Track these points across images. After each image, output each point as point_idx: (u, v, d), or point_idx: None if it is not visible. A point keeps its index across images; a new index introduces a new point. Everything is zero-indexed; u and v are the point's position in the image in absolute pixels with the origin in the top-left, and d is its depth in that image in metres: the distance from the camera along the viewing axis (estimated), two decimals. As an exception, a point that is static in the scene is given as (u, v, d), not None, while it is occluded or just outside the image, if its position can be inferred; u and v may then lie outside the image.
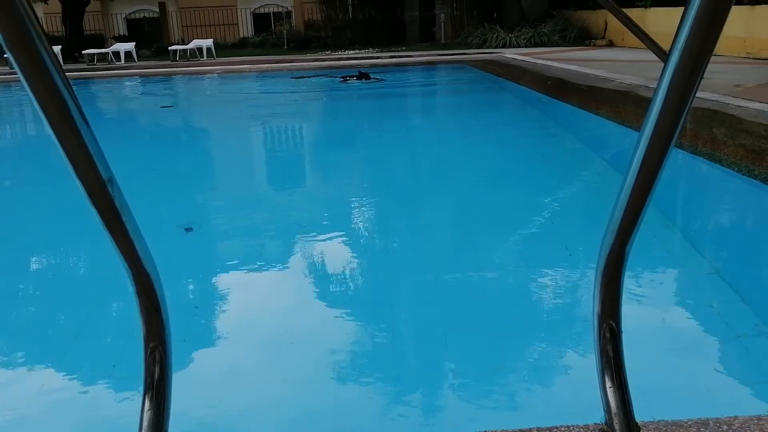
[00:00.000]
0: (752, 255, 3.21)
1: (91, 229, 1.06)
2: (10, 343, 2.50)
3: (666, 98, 0.99)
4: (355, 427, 1.89)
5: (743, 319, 2.39)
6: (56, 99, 0.92)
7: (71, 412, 2.01)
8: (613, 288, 1.23)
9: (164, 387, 1.25)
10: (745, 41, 10.04)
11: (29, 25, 0.85)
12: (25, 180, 5.55)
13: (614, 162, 5.15)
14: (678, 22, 0.95)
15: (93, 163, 0.98)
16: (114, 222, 1.05)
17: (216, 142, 7.53)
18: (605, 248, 1.19)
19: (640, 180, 1.07)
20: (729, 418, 1.30)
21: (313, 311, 2.73)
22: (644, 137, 1.04)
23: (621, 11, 1.27)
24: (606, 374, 1.28)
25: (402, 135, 7.08)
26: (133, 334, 1.26)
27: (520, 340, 2.38)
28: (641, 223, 1.13)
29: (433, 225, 3.83)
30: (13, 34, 0.85)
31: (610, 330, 1.26)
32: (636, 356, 1.38)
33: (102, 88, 13.00)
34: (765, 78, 7.03)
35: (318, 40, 21.10)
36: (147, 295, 1.17)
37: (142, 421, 1.24)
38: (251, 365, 2.25)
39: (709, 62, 0.96)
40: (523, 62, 11.24)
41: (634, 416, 1.27)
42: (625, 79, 7.42)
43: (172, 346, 1.26)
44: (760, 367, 2.10)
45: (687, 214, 3.90)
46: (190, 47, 18.16)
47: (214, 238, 3.78)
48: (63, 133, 0.94)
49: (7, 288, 3.05)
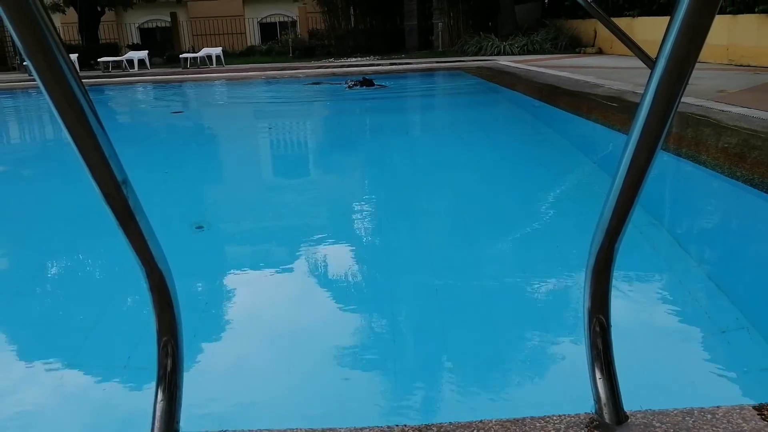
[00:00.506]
0: (736, 252, 3.21)
1: (107, 228, 1.06)
2: (28, 337, 2.50)
3: (652, 103, 0.99)
4: (356, 414, 1.89)
5: (726, 314, 2.39)
6: (73, 104, 0.92)
7: (89, 403, 2.01)
8: (603, 284, 1.23)
9: (176, 379, 1.25)
10: (728, 49, 10.03)
11: (48, 34, 0.85)
12: (44, 181, 5.56)
13: (603, 163, 5.14)
14: (664, 31, 0.95)
15: (108, 166, 0.99)
16: (128, 221, 1.05)
17: (225, 145, 7.53)
18: (595, 247, 1.19)
19: (628, 181, 1.07)
20: (713, 407, 1.30)
21: (317, 305, 2.73)
22: (632, 140, 1.04)
23: (610, 20, 1.27)
24: (596, 366, 1.28)
25: (406, 135, 7.09)
26: (146, 329, 1.26)
27: (515, 335, 2.38)
28: (629, 222, 1.13)
29: (434, 217, 3.84)
30: (32, 43, 0.85)
31: (599, 324, 1.26)
32: (624, 349, 1.38)
33: (116, 94, 13.00)
34: (747, 84, 7.03)
35: (322, 48, 21.10)
36: (160, 292, 1.18)
37: (155, 411, 1.24)
38: (259, 357, 2.25)
39: (694, 69, 0.96)
40: (517, 69, 11.23)
41: (622, 405, 1.27)
42: (614, 85, 7.41)
43: (183, 340, 1.27)
44: (741, 359, 2.10)
45: (673, 214, 3.89)
46: (200, 55, 18.15)
47: (224, 236, 3.78)
48: (80, 137, 0.95)
49: (28, 284, 3.06)
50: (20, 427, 1.85)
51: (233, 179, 5.61)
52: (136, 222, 1.06)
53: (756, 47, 9.46)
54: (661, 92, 0.98)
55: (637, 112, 1.02)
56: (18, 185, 5.52)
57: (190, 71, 16.18)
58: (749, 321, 2.28)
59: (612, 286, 1.23)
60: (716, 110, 5.01)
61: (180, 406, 1.27)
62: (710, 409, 1.29)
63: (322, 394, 2.00)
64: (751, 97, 5.86)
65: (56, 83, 0.89)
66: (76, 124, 0.93)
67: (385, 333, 2.43)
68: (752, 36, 9.52)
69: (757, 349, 2.12)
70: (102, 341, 2.40)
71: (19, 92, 13.20)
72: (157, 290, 1.17)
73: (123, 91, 13.36)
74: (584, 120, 6.49)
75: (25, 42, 0.85)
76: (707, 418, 1.26)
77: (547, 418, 1.28)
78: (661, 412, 1.28)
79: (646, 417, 1.27)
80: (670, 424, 1.24)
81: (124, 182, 1.02)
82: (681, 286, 2.79)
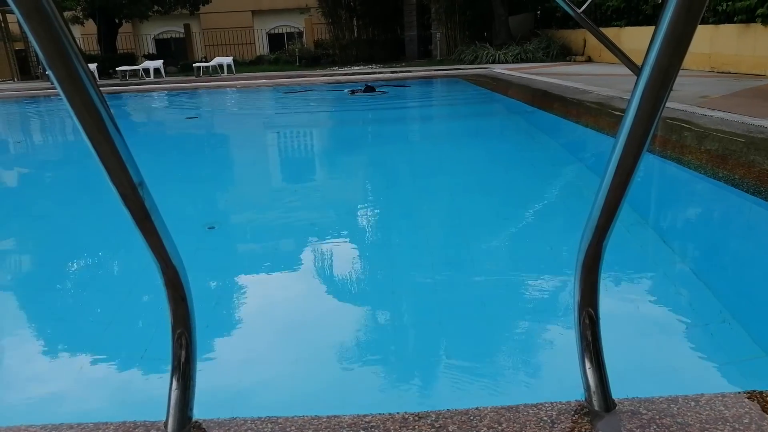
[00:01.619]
0: (718, 248, 3.21)
1: (124, 227, 1.07)
2: (52, 327, 2.51)
3: (638, 108, 0.99)
4: (357, 401, 1.89)
5: (709, 307, 2.38)
6: (92, 111, 0.92)
7: (109, 390, 2.01)
8: (592, 279, 1.23)
9: (190, 369, 1.26)
10: (710, 57, 10.01)
11: (67, 45, 0.86)
12: (66, 182, 5.56)
13: (591, 165, 5.14)
14: (649, 40, 0.95)
15: (125, 169, 0.99)
16: (144, 221, 1.05)
17: (237, 149, 7.53)
18: (584, 243, 1.19)
19: (615, 182, 1.07)
20: (696, 395, 1.30)
21: (321, 300, 2.73)
22: (619, 143, 1.04)
23: (598, 30, 1.27)
24: (585, 356, 1.28)
25: (405, 136, 7.09)
26: (162, 322, 1.26)
27: (509, 327, 2.37)
28: (617, 220, 1.13)
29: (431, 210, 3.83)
30: (53, 53, 0.85)
31: (589, 317, 1.26)
32: (612, 340, 1.38)
33: (133, 101, 13.00)
34: (728, 90, 7.01)
35: (327, 57, 21.11)
36: (174, 287, 1.18)
37: (170, 399, 1.24)
38: (267, 348, 2.26)
39: (678, 76, 0.96)
40: (511, 76, 11.22)
41: (610, 393, 1.27)
42: (602, 91, 7.40)
43: (197, 332, 1.27)
44: (724, 350, 2.09)
45: (658, 213, 3.89)
46: (212, 64, 18.16)
47: (234, 235, 3.78)
48: (98, 142, 0.95)
49: (51, 279, 3.07)
50: (44, 410, 1.85)
51: (244, 181, 5.61)
52: (152, 221, 1.06)
53: (736, 55, 9.44)
54: (646, 98, 0.98)
55: (624, 117, 1.02)
56: (41, 187, 5.53)
57: (203, 79, 16.18)
58: (731, 313, 2.27)
59: (600, 281, 1.23)
60: (699, 115, 5.00)
61: (193, 394, 1.27)
62: (694, 396, 1.29)
63: (326, 383, 2.00)
64: (731, 103, 5.84)
65: (75, 91, 0.89)
66: (95, 130, 0.94)
67: (388, 326, 2.43)
68: (733, 44, 9.50)
69: (737, 340, 2.12)
70: (120, 333, 2.40)
71: (42, 99, 13.21)
72: (172, 285, 1.17)
73: (139, 99, 13.37)
74: (573, 123, 6.48)
75: (45, 52, 0.85)
76: (691, 405, 1.26)
77: (540, 405, 1.28)
78: (648, 399, 1.28)
79: (633, 404, 1.27)
80: (656, 411, 1.24)
81: (140, 184, 1.02)
82: (666, 281, 2.79)
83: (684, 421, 1.20)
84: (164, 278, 1.16)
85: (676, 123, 4.74)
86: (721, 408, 1.24)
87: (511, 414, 1.25)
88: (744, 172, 3.56)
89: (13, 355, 2.27)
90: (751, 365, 1.95)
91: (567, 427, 1.20)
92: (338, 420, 1.25)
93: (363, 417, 1.26)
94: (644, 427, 1.18)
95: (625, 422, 1.21)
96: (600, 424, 1.21)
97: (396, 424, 1.23)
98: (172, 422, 1.23)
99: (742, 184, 3.52)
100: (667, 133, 4.66)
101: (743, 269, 2.86)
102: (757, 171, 3.46)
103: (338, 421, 1.24)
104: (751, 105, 5.65)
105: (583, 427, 1.20)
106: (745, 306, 2.41)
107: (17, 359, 2.23)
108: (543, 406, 1.28)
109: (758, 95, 6.52)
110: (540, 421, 1.22)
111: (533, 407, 1.27)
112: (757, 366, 1.94)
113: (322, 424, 1.24)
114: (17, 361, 2.22)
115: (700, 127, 4.48)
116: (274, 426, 1.24)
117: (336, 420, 1.25)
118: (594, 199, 1.12)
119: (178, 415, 1.23)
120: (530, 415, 1.24)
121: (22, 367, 2.17)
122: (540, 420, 1.22)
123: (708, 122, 4.61)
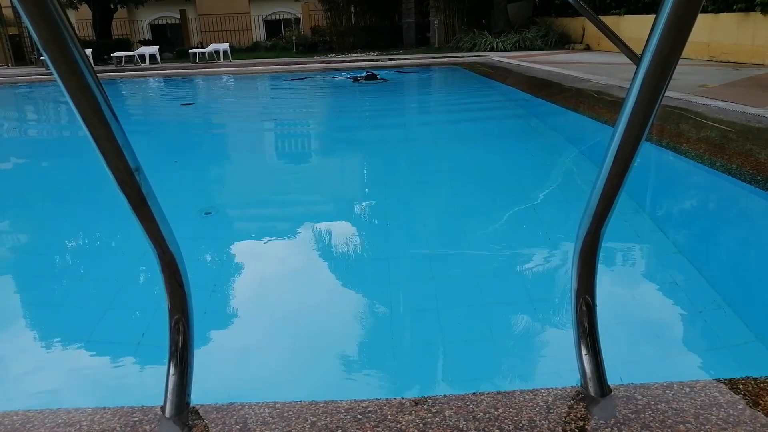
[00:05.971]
0: (714, 237, 3.22)
1: (121, 213, 1.06)
2: (50, 315, 2.51)
3: (638, 97, 0.99)
4: (355, 387, 1.90)
5: (704, 295, 2.40)
6: (88, 96, 0.91)
7: (107, 377, 2.02)
8: (589, 267, 1.23)
9: (187, 354, 1.26)
10: (709, 46, 9.98)
11: (63, 29, 0.85)
12: (62, 169, 5.53)
13: (589, 153, 5.13)
14: (649, 29, 0.94)
15: (122, 154, 0.98)
16: (141, 207, 1.05)
17: (233, 136, 7.50)
18: (582, 231, 1.19)
19: (613, 170, 1.07)
20: (691, 381, 1.31)
21: (318, 286, 2.74)
22: (618, 132, 1.04)
23: (597, 18, 1.26)
24: (582, 343, 1.29)
25: (404, 124, 7.06)
26: (159, 308, 1.27)
27: (508, 314, 2.38)
28: (615, 208, 1.13)
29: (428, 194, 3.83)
30: (49, 38, 0.84)
31: (585, 304, 1.26)
32: (608, 327, 1.39)
33: (129, 87, 12.91)
34: (726, 79, 7.00)
35: (324, 44, 20.96)
36: (171, 272, 1.18)
37: (168, 385, 1.25)
38: (263, 333, 2.26)
39: (677, 65, 0.96)
40: (509, 64, 11.17)
41: (606, 380, 1.28)
42: (601, 79, 7.38)
43: (194, 317, 1.27)
44: (718, 337, 2.11)
45: (655, 201, 3.89)
46: (208, 50, 18.01)
47: (230, 221, 3.77)
48: (94, 127, 0.94)
49: (49, 266, 3.06)
50: (41, 396, 1.86)
51: (240, 167, 5.59)
52: (149, 207, 1.06)
53: (735, 44, 9.42)
54: (646, 86, 0.97)
55: (623, 105, 1.02)
56: (37, 172, 5.50)
57: (199, 66, 16.07)
58: (725, 301, 2.29)
59: (598, 268, 1.23)
60: (697, 103, 5.00)
61: (191, 380, 1.27)
62: (689, 383, 1.30)
63: (323, 369, 2.01)
64: (730, 92, 5.84)
65: (72, 76, 0.88)
66: (91, 115, 0.93)
67: (384, 313, 2.43)
68: (732, 34, 9.47)
69: (732, 328, 2.13)
70: (117, 319, 2.40)
71: (37, 85, 13.11)
72: (169, 271, 1.17)
73: (135, 85, 13.27)
74: (572, 112, 6.46)
75: (41, 37, 0.84)
76: (686, 392, 1.27)
77: (536, 391, 1.29)
78: (643, 385, 1.29)
79: (629, 390, 1.28)
80: (651, 397, 1.25)
81: (137, 170, 1.01)
82: (662, 269, 2.80)
83: (679, 406, 1.21)
84: (161, 264, 1.16)
85: (675, 112, 4.74)
86: (716, 394, 1.26)
87: (508, 399, 1.26)
88: (742, 161, 3.56)
89: (10, 342, 2.27)
90: (745, 351, 1.97)
91: (563, 412, 1.21)
92: (335, 405, 1.26)
93: (360, 402, 1.26)
94: (639, 413, 1.19)
95: (621, 407, 1.22)
96: (595, 409, 1.22)
97: (393, 409, 1.24)
98: (169, 407, 1.23)
99: (740, 173, 3.52)
100: (665, 122, 4.66)
101: (738, 257, 2.87)
102: (755, 160, 3.47)
103: (335, 407, 1.25)
104: (749, 94, 5.65)
105: (579, 412, 1.21)
106: (740, 293, 2.42)
107: (14, 346, 2.24)
108: (539, 391, 1.29)
109: (757, 84, 6.51)
110: (536, 406, 1.23)
111: (529, 393, 1.28)
112: (752, 352, 1.95)
113: (319, 409, 1.25)
114: (14, 348, 2.22)
115: (699, 116, 4.48)
116: (271, 411, 1.24)
117: (333, 405, 1.26)
118: (592, 187, 1.12)
119: (176, 400, 1.24)
120: (526, 400, 1.25)
121: (19, 354, 2.17)
122: (536, 405, 1.23)
123: (706, 111, 4.61)
